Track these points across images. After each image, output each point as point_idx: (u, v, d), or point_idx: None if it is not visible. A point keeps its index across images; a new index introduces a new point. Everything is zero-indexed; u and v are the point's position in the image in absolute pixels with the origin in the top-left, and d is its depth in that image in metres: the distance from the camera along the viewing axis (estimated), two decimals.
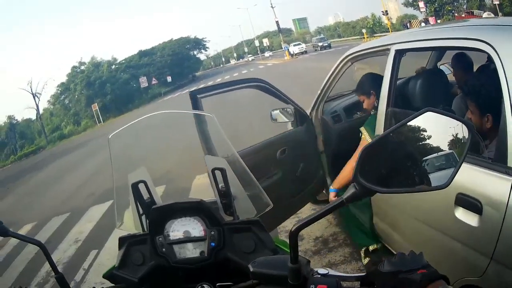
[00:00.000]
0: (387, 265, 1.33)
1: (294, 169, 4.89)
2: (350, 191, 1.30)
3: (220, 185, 2.13)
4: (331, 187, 4.64)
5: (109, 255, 7.42)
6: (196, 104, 4.08)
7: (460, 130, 1.26)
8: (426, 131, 1.26)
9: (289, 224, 6.00)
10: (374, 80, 4.27)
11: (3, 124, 71.18)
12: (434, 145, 1.26)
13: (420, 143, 1.27)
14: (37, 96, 69.70)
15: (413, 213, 3.29)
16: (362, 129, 4.29)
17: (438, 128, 1.27)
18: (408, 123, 1.27)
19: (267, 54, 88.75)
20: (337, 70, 4.94)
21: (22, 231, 11.46)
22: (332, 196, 4.60)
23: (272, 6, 69.79)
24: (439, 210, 2.90)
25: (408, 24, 57.87)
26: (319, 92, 5.29)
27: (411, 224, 3.37)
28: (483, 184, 2.49)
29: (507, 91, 2.39)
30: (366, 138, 4.20)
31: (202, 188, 9.29)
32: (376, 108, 4.21)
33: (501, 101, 2.46)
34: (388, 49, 3.79)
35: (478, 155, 2.80)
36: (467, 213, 2.60)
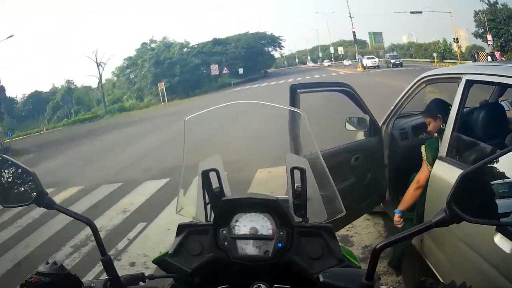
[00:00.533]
0: None
1: (363, 177, 4.98)
2: (441, 215, 1.33)
3: (296, 185, 2.07)
4: (397, 209, 4.68)
5: (158, 229, 7.44)
6: (294, 98, 4.18)
7: None
8: None
9: (342, 229, 6.11)
10: (441, 106, 4.35)
11: (60, 87, 71.54)
12: None
13: (507, 176, 1.28)
14: (101, 66, 69.31)
15: (460, 234, 3.34)
16: (423, 147, 4.38)
17: None
18: (503, 156, 1.29)
19: (346, 62, 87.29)
20: (411, 90, 5.08)
21: (66, 194, 11.76)
22: (397, 217, 4.66)
23: (350, 16, 68.94)
24: (482, 234, 2.95)
25: (475, 55, 56.69)
26: (392, 108, 5.44)
27: (456, 244, 3.42)
28: None
29: None
30: (424, 158, 4.30)
31: (263, 182, 9.38)
32: (440, 131, 4.30)
33: None
34: (460, 78, 3.90)
35: None
36: (504, 240, 2.70)
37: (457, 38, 61.03)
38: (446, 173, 3.69)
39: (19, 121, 64.70)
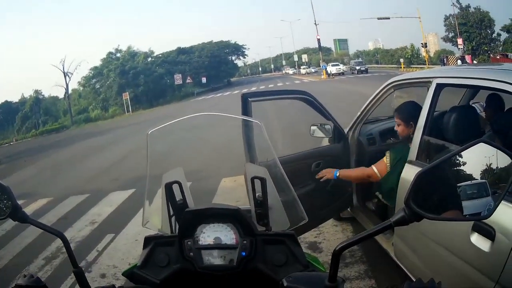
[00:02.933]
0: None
1: (326, 183, 4.95)
2: (399, 214, 1.34)
3: (257, 194, 2.10)
4: (337, 171, 4.77)
5: (126, 240, 7.45)
6: (246, 107, 4.15)
7: (507, 163, 1.30)
8: (473, 161, 1.30)
9: (310, 235, 6.16)
10: (416, 111, 4.38)
11: (28, 97, 71.47)
12: (473, 172, 1.29)
13: (464, 171, 1.31)
14: (68, 76, 69.52)
15: (433, 236, 3.38)
16: (388, 152, 4.50)
17: (486, 159, 1.30)
18: (460, 153, 1.32)
19: (313, 69, 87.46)
20: (379, 95, 5.09)
21: (36, 205, 11.64)
22: (328, 172, 4.81)
23: (315, 23, 69.60)
24: (457, 234, 3.01)
25: (445, 59, 57.55)
26: (358, 113, 5.44)
27: (429, 246, 3.46)
28: (498, 214, 2.58)
29: None
30: (385, 161, 4.46)
31: (227, 191, 9.41)
32: (408, 137, 4.35)
33: None
34: (430, 82, 3.93)
35: None
36: (481, 239, 2.75)
37: (426, 43, 62.11)
38: None
39: None
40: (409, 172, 3.79)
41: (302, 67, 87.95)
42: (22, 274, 1.69)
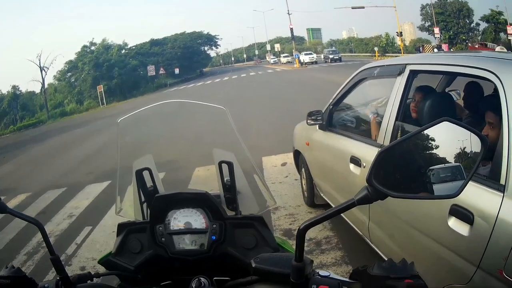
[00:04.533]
0: (377, 268, 1.34)
1: None
2: (362, 192, 1.33)
3: (225, 179, 2.16)
4: None
5: (103, 232, 7.44)
6: None
7: (474, 143, 1.29)
8: (440, 141, 1.29)
9: (284, 223, 6.18)
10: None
11: (6, 93, 70.58)
12: (445, 155, 1.28)
13: (433, 152, 1.29)
14: (44, 70, 68.95)
15: (409, 220, 3.41)
16: None
17: (452, 139, 1.29)
18: (424, 131, 1.30)
19: (271, 60, 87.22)
20: (351, 82, 5.15)
21: (16, 200, 11.55)
22: None
23: (288, 13, 69.43)
24: (433, 218, 3.05)
25: (420, 48, 57.81)
26: (330, 101, 5.56)
27: (406, 230, 3.49)
28: (476, 198, 2.65)
29: (506, 118, 2.59)
30: None
31: (201, 180, 9.37)
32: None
33: (500, 126, 2.71)
34: (404, 68, 3.95)
35: None
36: (460, 223, 2.77)
37: (401, 32, 62.20)
38: None
39: None
40: None
41: (282, 55, 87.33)
42: (5, 266, 1.71)
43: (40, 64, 68.55)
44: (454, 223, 2.82)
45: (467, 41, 58.09)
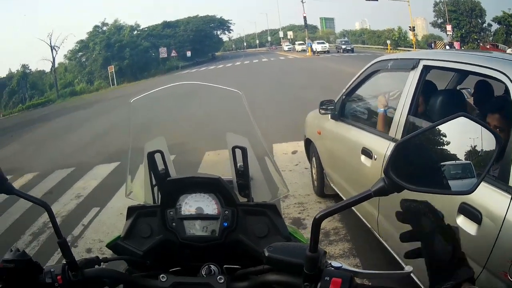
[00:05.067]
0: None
1: None
2: (379, 184, 1.29)
3: (238, 165, 2.11)
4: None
5: (111, 214, 7.45)
6: None
7: (488, 141, 1.26)
8: (455, 136, 1.26)
9: (293, 211, 6.25)
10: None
11: (15, 72, 70.45)
12: (457, 151, 1.26)
13: (447, 147, 1.27)
14: (55, 49, 68.31)
15: None
16: None
17: (467, 135, 1.26)
18: (440, 126, 1.27)
19: (299, 47, 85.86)
20: (364, 74, 5.16)
21: (23, 180, 11.56)
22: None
23: (302, 1, 69.24)
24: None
25: (432, 44, 57.55)
26: (343, 91, 5.57)
27: None
28: (485, 198, 2.65)
29: None
30: None
31: (211, 165, 9.38)
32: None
33: (509, 128, 2.69)
34: (417, 63, 3.94)
35: None
36: (468, 222, 2.77)
37: (414, 27, 61.96)
38: None
39: None
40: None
41: (297, 43, 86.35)
42: (9, 249, 1.68)
43: (51, 43, 68.23)
44: (462, 221, 2.82)
45: (478, 41, 57.73)
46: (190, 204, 1.91)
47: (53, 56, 68.54)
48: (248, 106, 2.17)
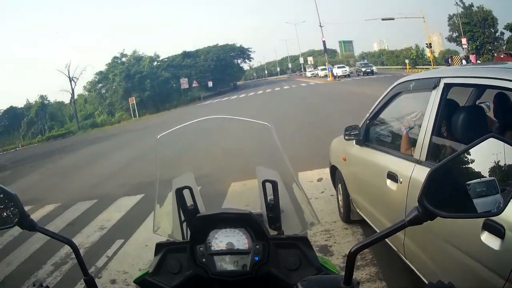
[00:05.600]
0: None
1: None
2: (413, 213, 1.31)
3: (268, 198, 2.12)
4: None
5: (136, 245, 7.39)
6: None
7: None
8: (484, 157, 1.27)
9: (320, 239, 6.25)
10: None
11: (34, 103, 71.48)
12: (485, 170, 1.27)
13: (477, 169, 1.28)
14: (73, 81, 69.71)
15: (443, 234, 3.37)
16: None
17: (497, 155, 1.27)
18: (470, 149, 1.29)
19: (322, 72, 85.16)
20: (388, 96, 5.15)
21: (44, 211, 11.63)
22: None
23: (320, 25, 69.50)
24: (467, 233, 3.01)
25: (449, 59, 57.61)
26: (367, 115, 5.58)
27: (439, 245, 3.46)
28: (508, 213, 2.59)
29: None
30: None
31: (237, 196, 9.36)
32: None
33: None
34: (438, 82, 3.93)
35: None
36: (491, 237, 2.74)
37: (430, 43, 62.17)
38: None
39: None
40: (420, 173, 3.76)
41: (319, 68, 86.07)
42: (31, 282, 1.66)
43: (69, 75, 69.37)
44: (486, 237, 2.80)
45: (492, 51, 57.74)
46: (221, 239, 1.91)
47: (72, 87, 69.65)
48: (278, 138, 2.18)
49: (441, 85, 3.88)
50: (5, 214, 1.78)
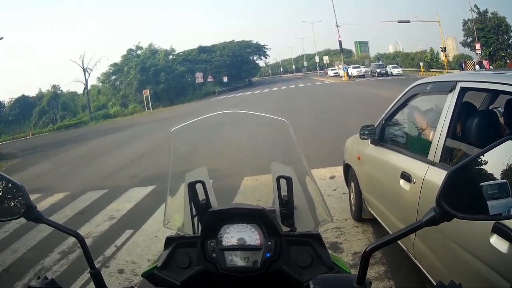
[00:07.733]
0: None
1: None
2: (430, 214, 1.30)
3: (282, 194, 2.09)
4: None
5: (146, 236, 7.40)
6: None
7: None
8: (501, 160, 1.27)
9: (331, 236, 6.27)
10: None
11: (46, 92, 71.76)
12: (499, 174, 1.27)
13: (493, 172, 1.28)
14: (87, 71, 69.54)
15: (453, 236, 3.37)
16: None
17: (510, 159, 1.27)
18: (488, 151, 1.28)
19: (342, 72, 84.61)
20: (404, 98, 5.18)
21: (53, 199, 11.68)
22: None
23: (337, 25, 69.34)
24: (477, 235, 3.01)
25: (463, 64, 57.48)
26: (382, 116, 5.61)
27: (449, 246, 3.46)
28: None
29: None
30: None
31: (249, 190, 9.40)
32: None
33: None
34: (455, 85, 3.95)
35: None
36: (500, 240, 2.74)
37: (445, 47, 61.98)
38: (440, 179, 3.66)
39: (5, 125, 65.29)
40: (433, 175, 3.78)
41: (339, 67, 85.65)
42: (36, 276, 1.64)
43: (83, 65, 69.37)
44: (495, 240, 2.80)
45: (505, 58, 57.46)
46: (232, 234, 1.90)
47: (85, 78, 69.48)
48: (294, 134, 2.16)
49: (457, 89, 3.91)
50: (12, 204, 1.79)
